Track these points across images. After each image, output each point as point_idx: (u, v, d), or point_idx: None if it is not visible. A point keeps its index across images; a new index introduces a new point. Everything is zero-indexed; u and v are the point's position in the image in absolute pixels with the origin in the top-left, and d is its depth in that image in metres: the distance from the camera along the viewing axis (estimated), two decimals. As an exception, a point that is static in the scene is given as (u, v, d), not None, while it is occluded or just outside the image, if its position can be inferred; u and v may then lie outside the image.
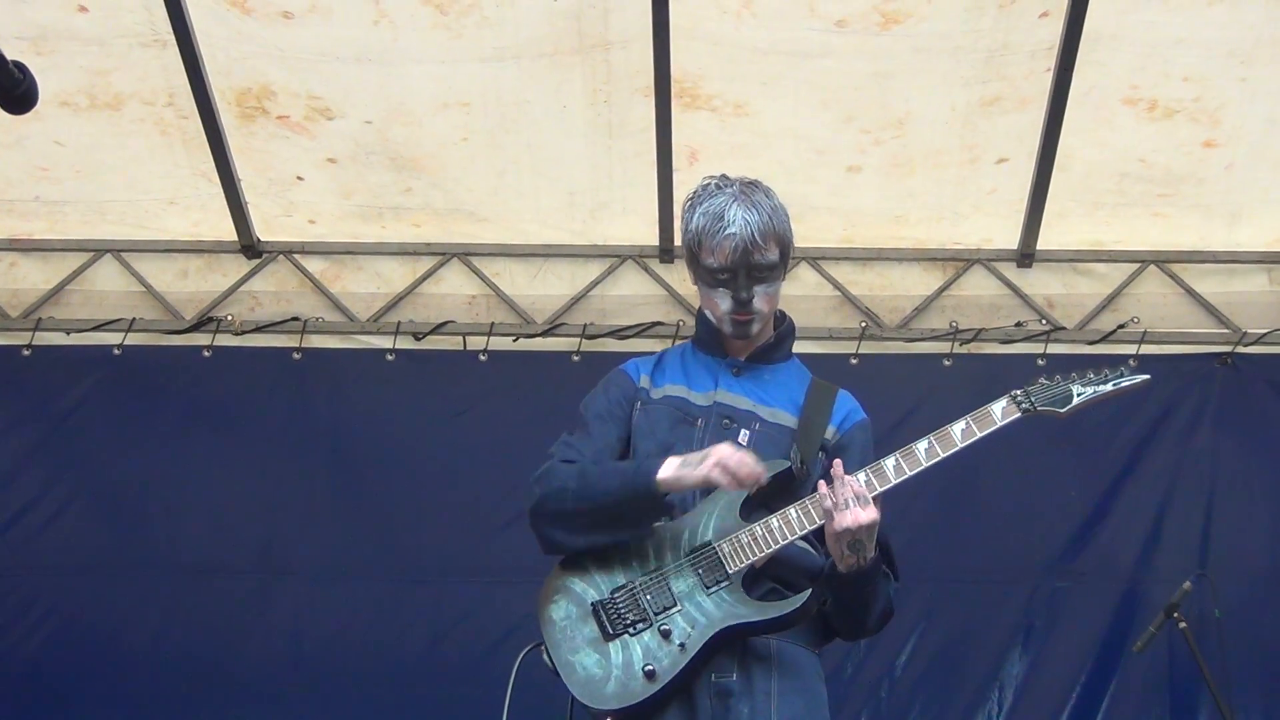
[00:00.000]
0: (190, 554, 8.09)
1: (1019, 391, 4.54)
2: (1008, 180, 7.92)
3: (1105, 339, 8.22)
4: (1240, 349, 8.20)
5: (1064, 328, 8.25)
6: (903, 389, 8.08)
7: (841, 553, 4.28)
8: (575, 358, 8.26)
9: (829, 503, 4.25)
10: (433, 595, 8.03)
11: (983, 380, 8.18)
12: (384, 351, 8.35)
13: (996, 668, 7.91)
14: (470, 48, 7.36)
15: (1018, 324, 8.28)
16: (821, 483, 4.31)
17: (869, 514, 4.24)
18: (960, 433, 4.50)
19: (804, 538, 4.42)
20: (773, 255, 4.59)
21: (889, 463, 4.40)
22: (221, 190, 8.02)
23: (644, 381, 4.76)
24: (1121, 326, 8.23)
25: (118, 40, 7.36)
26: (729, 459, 4.27)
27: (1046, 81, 7.38)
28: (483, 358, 8.31)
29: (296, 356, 8.36)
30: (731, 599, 4.32)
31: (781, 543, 4.36)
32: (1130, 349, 8.15)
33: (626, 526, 4.47)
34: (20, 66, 3.34)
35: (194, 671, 7.89)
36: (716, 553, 4.37)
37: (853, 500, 4.24)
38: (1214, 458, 8.12)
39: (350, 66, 7.48)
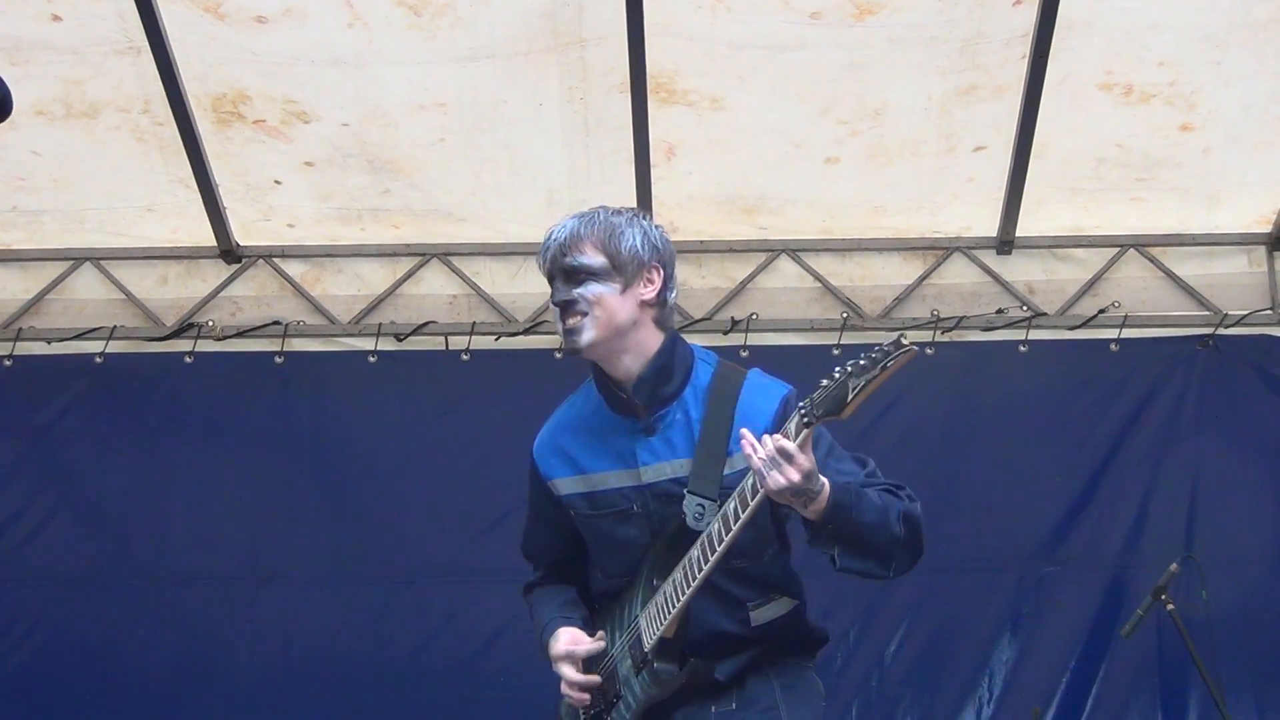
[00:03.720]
0: (176, 561, 8.09)
1: (804, 404, 4.03)
2: (986, 168, 7.93)
3: (1086, 324, 8.23)
4: (1221, 331, 8.21)
5: (1045, 313, 8.26)
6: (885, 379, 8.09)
7: (798, 505, 4.05)
8: (558, 355, 8.25)
9: (754, 465, 3.97)
10: (420, 597, 8.03)
11: (965, 368, 8.24)
12: (366, 353, 8.34)
13: (986, 655, 7.93)
14: (445, 48, 7.35)
15: (999, 311, 8.28)
16: (745, 446, 4.02)
17: (796, 469, 3.95)
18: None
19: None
20: (589, 259, 4.39)
21: (730, 507, 4.15)
22: (199, 196, 8.00)
23: (563, 487, 4.58)
24: (1102, 311, 8.24)
25: (92, 49, 7.35)
26: (571, 696, 4.42)
27: (1022, 69, 7.38)
28: (465, 357, 8.30)
29: (278, 360, 8.35)
30: (649, 678, 4.30)
31: (679, 605, 4.20)
32: (1111, 333, 8.19)
33: None
34: (-6, 78, 3.34)
35: (183, 679, 7.92)
36: (640, 630, 4.34)
37: (772, 462, 3.95)
38: (1197, 440, 8.14)
39: (325, 70, 7.46)
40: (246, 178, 8.03)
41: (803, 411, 4.01)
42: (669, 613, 4.22)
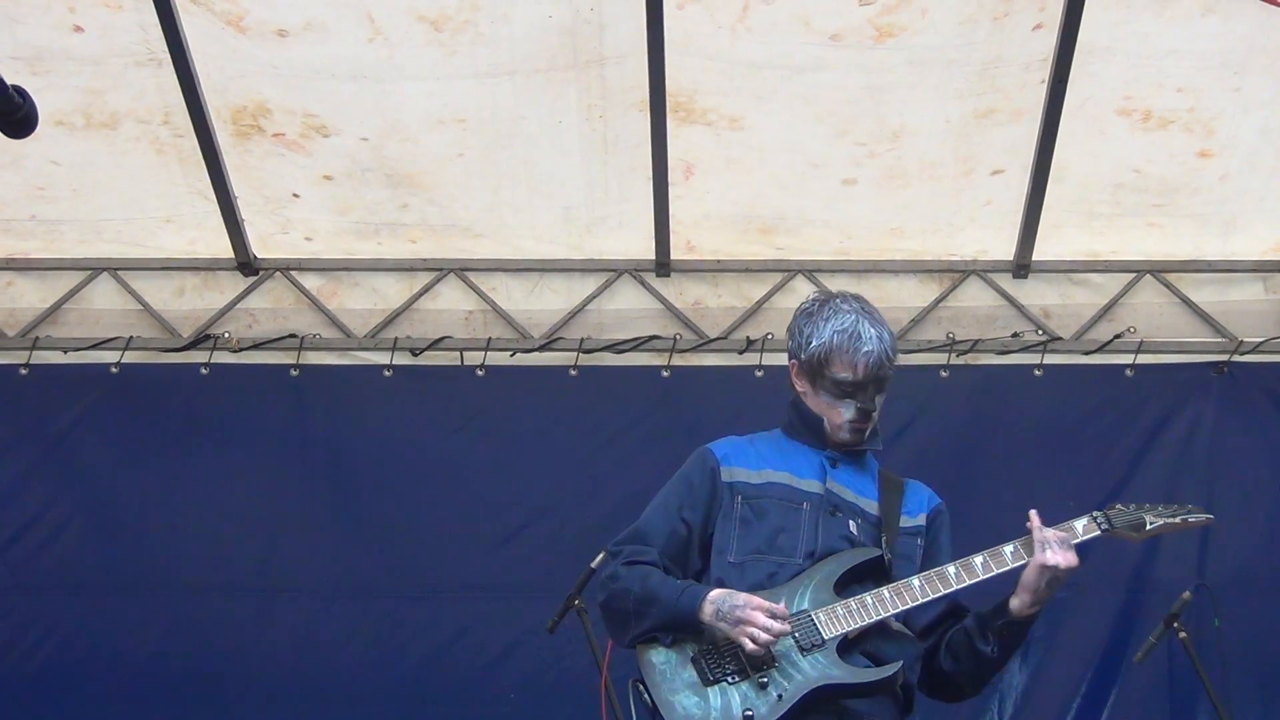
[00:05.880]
0: (189, 572, 8.08)
1: (1099, 513, 4.87)
2: (1003, 192, 7.94)
3: (1102, 349, 8.23)
4: (1237, 357, 8.22)
5: (1060, 338, 8.27)
6: (901, 400, 8.02)
7: (1038, 588, 4.65)
8: (573, 371, 8.27)
9: (1039, 536, 4.66)
10: (432, 611, 8.02)
11: (980, 391, 8.23)
12: (381, 367, 8.35)
13: (997, 679, 7.81)
14: (465, 64, 7.38)
15: (1014, 335, 8.29)
16: (1034, 522, 4.72)
17: (1075, 557, 4.67)
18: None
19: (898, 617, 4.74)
20: (894, 369, 4.94)
21: (977, 560, 4.76)
22: (218, 208, 8.03)
23: (739, 474, 4.94)
24: (1118, 336, 8.25)
25: (113, 60, 7.38)
26: (758, 636, 4.51)
27: (1041, 93, 7.40)
28: (480, 373, 8.31)
29: (294, 373, 8.36)
30: (826, 661, 4.58)
31: (874, 618, 4.62)
32: (1127, 359, 8.19)
33: (671, 631, 4.70)
34: (20, 91, 3.34)
35: (194, 689, 7.89)
36: (813, 620, 4.62)
37: (1059, 544, 4.65)
38: (1211, 466, 8.12)
39: (346, 84, 7.49)
40: (265, 190, 8.05)
41: (1098, 520, 4.84)
42: (864, 618, 4.62)
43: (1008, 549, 4.72)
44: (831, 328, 4.89)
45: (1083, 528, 4.81)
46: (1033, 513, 4.72)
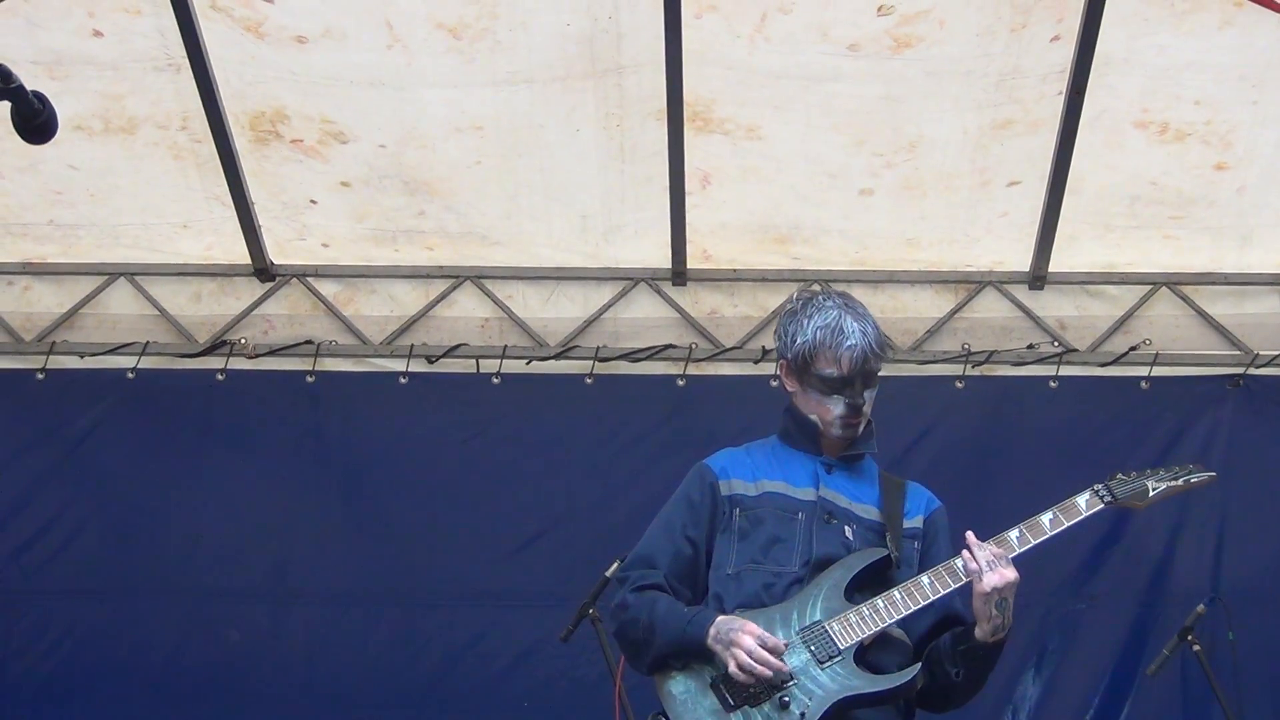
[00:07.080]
0: (204, 577, 8.10)
1: (1100, 486, 4.90)
2: (1019, 203, 7.93)
3: (1117, 361, 8.22)
4: (1252, 371, 8.20)
5: (1076, 350, 8.26)
6: (916, 411, 8.09)
7: (989, 613, 4.57)
8: (588, 380, 8.27)
9: (974, 565, 4.58)
10: (445, 619, 8.02)
11: (995, 402, 8.21)
12: (397, 374, 8.35)
13: (1010, 690, 7.89)
14: (483, 72, 7.38)
15: (1030, 346, 8.28)
16: (967, 547, 4.63)
17: (1013, 572, 4.60)
18: (1049, 522, 4.81)
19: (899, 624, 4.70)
20: (881, 363, 4.92)
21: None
22: (235, 214, 8.05)
23: (737, 486, 4.93)
24: (1134, 348, 8.24)
25: (132, 64, 7.40)
26: (745, 662, 4.48)
27: (1058, 105, 7.39)
28: (496, 380, 8.31)
29: (310, 380, 8.37)
30: (844, 672, 4.57)
31: (888, 621, 4.61)
32: (1142, 371, 8.17)
33: (684, 659, 4.68)
34: (40, 97, 3.36)
35: (208, 694, 7.90)
36: (827, 631, 4.61)
37: (995, 561, 4.58)
38: (1226, 479, 8.05)
39: (364, 90, 7.50)
40: (282, 196, 8.07)
41: (1100, 493, 4.88)
42: (877, 623, 4.61)
43: (897, 594, 4.68)
44: (814, 324, 4.89)
45: (1085, 503, 4.83)
46: (969, 534, 4.69)
